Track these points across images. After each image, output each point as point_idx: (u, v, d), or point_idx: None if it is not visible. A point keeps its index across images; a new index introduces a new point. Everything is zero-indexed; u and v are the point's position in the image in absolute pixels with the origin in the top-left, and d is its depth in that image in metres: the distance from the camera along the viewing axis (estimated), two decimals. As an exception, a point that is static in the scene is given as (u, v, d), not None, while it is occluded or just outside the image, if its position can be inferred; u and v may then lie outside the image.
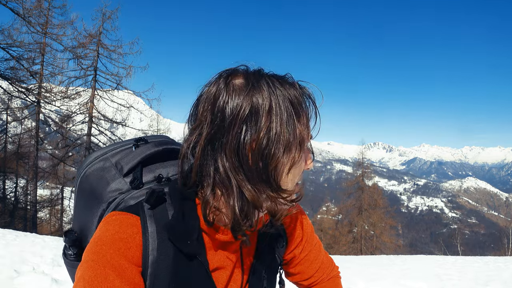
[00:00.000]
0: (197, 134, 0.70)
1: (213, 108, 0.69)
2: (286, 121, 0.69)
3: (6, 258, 5.12)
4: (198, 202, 0.76)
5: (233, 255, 0.83)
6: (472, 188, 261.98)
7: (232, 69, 0.74)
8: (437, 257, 10.48)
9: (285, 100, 0.70)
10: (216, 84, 0.71)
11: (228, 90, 0.69)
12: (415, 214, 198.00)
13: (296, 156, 0.72)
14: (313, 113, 0.75)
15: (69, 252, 0.88)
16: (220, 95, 0.69)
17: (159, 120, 23.52)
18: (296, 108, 0.71)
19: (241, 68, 0.74)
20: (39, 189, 20.44)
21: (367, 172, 28.98)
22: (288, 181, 0.73)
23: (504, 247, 25.91)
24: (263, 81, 0.70)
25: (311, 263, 1.03)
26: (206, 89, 0.73)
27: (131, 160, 0.88)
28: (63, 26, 16.88)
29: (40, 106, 17.58)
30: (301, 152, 0.73)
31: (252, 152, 0.68)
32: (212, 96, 0.70)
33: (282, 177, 0.72)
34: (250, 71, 0.74)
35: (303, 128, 0.72)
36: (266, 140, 0.67)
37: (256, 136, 0.67)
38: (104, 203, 0.83)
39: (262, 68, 0.75)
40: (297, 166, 0.74)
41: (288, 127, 0.69)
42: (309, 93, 0.75)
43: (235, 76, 0.72)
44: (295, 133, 0.70)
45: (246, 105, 0.67)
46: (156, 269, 0.71)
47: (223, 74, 0.73)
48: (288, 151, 0.70)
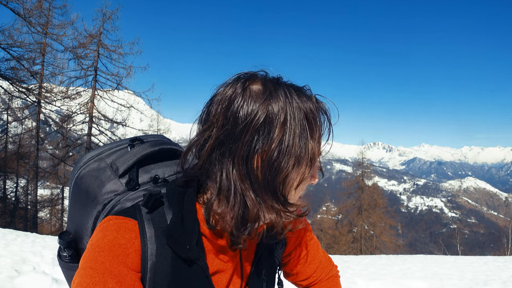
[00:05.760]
0: (206, 136, 0.69)
1: (226, 111, 0.67)
2: (299, 135, 0.67)
3: (7, 257, 5.12)
4: (198, 206, 0.75)
5: (232, 258, 0.82)
6: (472, 188, 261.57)
7: (251, 73, 0.72)
8: (436, 257, 10.47)
9: (301, 113, 0.68)
10: (233, 87, 0.69)
11: (244, 95, 0.67)
12: (415, 214, 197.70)
13: (306, 172, 0.70)
14: (326, 130, 0.73)
15: (64, 253, 0.86)
16: (236, 99, 0.67)
17: (159, 120, 23.52)
18: (311, 122, 0.69)
19: (260, 74, 0.72)
20: (39, 189, 20.47)
21: (367, 172, 28.94)
22: (296, 196, 0.73)
23: (504, 247, 25.92)
24: (281, 90, 0.68)
25: (310, 263, 1.03)
26: (221, 90, 0.70)
27: (126, 161, 0.85)
28: (63, 26, 16.88)
29: (41, 106, 17.57)
30: (312, 169, 0.72)
31: (262, 162, 0.66)
32: (227, 98, 0.68)
33: (290, 191, 0.70)
34: (269, 78, 0.71)
35: (315, 144, 0.70)
36: (277, 152, 0.65)
37: (268, 146, 0.65)
38: (100, 204, 0.82)
39: (281, 76, 0.73)
40: (306, 182, 0.73)
41: (301, 142, 0.67)
42: (325, 109, 0.73)
43: (253, 81, 0.70)
44: (306, 149, 0.68)
45: (261, 113, 0.65)
46: (155, 274, 0.71)
47: (241, 77, 0.71)
48: (298, 166, 0.68)
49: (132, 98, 18.66)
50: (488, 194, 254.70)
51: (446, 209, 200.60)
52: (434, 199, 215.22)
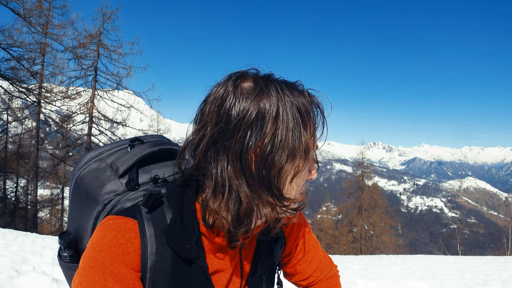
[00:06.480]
0: (201, 135, 0.70)
1: (219, 110, 0.68)
2: (292, 129, 0.67)
3: (7, 257, 5.13)
4: (198, 205, 0.75)
5: (232, 257, 0.82)
6: (472, 188, 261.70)
7: (242, 71, 0.73)
8: (436, 257, 10.47)
9: (293, 107, 0.68)
10: (224, 86, 0.70)
11: (236, 93, 0.68)
12: (415, 214, 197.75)
13: (300, 165, 0.71)
14: (320, 123, 0.74)
15: (64, 254, 0.86)
16: (228, 97, 0.68)
17: (159, 120, 23.53)
18: (304, 116, 0.70)
19: (251, 72, 0.73)
20: (39, 189, 20.48)
21: (367, 172, 28.94)
22: (291, 189, 0.73)
23: (504, 246, 25.94)
24: (272, 86, 0.69)
25: (309, 263, 1.03)
26: (214, 89, 0.72)
27: (126, 161, 0.86)
28: (63, 26, 16.91)
29: (41, 106, 17.58)
30: (306, 161, 0.72)
31: (256, 157, 0.67)
32: (219, 97, 0.69)
33: (285, 185, 0.71)
34: (260, 75, 0.72)
35: (309, 137, 0.71)
36: (270, 146, 0.66)
37: (261, 141, 0.66)
38: (100, 204, 0.82)
39: (273, 73, 0.74)
40: (301, 175, 0.73)
41: (294, 135, 0.68)
42: (318, 102, 0.74)
43: (244, 79, 0.71)
44: (300, 142, 0.69)
45: (253, 109, 0.66)
46: (155, 273, 0.71)
47: (232, 76, 0.72)
48: (292, 159, 0.69)
49: (132, 98, 18.68)
50: (488, 194, 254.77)
51: (446, 209, 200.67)
52: (434, 199, 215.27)
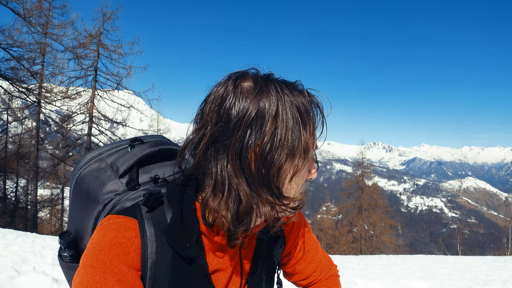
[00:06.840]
0: (201, 134, 0.70)
1: (219, 109, 0.69)
2: (291, 128, 0.68)
3: (7, 257, 5.13)
4: (198, 204, 0.76)
5: (232, 256, 0.82)
6: (472, 188, 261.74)
7: (242, 71, 0.74)
8: (436, 257, 10.49)
9: (293, 106, 0.69)
10: (224, 85, 0.71)
11: (235, 92, 0.69)
12: (415, 214, 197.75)
13: (299, 164, 0.71)
14: (319, 123, 0.74)
15: (64, 254, 0.87)
16: (228, 97, 0.69)
17: (159, 120, 23.54)
18: (303, 115, 0.70)
19: (251, 72, 0.74)
20: (39, 189, 20.48)
21: (367, 172, 28.94)
22: (291, 188, 0.73)
23: (504, 246, 25.95)
24: (272, 86, 0.70)
25: (309, 262, 1.04)
26: (214, 89, 0.72)
27: (127, 161, 0.86)
28: (63, 26, 16.90)
29: (41, 106, 17.58)
30: (305, 160, 0.73)
31: (255, 156, 0.67)
32: (219, 97, 0.70)
33: (284, 183, 0.71)
34: (260, 75, 0.73)
35: (309, 137, 0.71)
36: (270, 145, 0.67)
37: (260, 140, 0.67)
38: (100, 204, 0.82)
39: (272, 73, 0.75)
40: (300, 174, 0.73)
41: (293, 134, 0.68)
42: (317, 101, 0.75)
43: (244, 79, 0.72)
44: (300, 141, 0.69)
45: (253, 108, 0.67)
46: (155, 272, 0.71)
47: (232, 76, 0.73)
48: (291, 158, 0.69)
49: (132, 98, 18.68)
50: (488, 194, 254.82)
51: (446, 209, 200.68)
52: (434, 199, 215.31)
